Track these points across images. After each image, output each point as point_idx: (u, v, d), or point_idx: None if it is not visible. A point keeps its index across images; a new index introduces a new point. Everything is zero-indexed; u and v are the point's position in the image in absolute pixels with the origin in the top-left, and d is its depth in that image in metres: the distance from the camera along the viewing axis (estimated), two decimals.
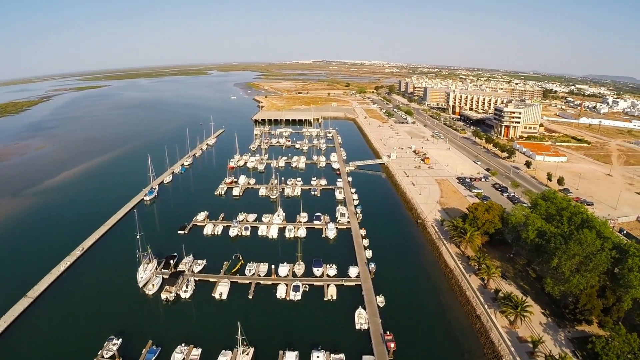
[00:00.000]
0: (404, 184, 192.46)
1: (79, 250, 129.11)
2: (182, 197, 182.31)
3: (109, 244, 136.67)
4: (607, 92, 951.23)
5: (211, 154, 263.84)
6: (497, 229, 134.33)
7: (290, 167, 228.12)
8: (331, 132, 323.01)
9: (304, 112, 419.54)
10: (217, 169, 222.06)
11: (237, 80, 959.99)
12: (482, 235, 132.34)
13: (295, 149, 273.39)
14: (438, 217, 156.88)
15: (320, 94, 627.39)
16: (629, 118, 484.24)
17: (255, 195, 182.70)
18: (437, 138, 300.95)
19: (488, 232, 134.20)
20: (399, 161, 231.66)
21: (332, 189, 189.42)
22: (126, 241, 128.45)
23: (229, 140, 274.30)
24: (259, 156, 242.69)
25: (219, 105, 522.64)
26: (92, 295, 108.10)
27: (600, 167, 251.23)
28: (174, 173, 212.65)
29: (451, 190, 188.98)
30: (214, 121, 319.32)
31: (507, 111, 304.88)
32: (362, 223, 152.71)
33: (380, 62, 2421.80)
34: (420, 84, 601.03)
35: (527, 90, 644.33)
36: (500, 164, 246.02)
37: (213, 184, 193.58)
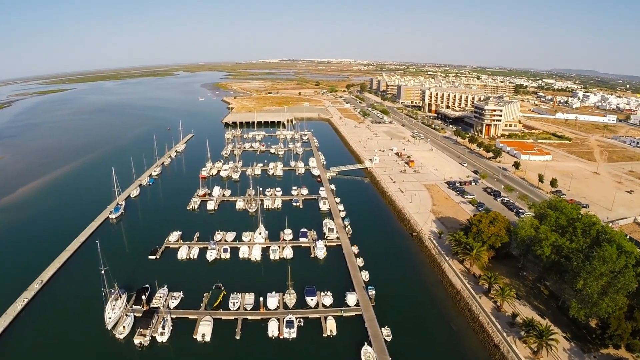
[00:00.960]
0: (392, 191, 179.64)
1: (38, 283, 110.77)
2: (151, 213, 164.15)
3: (71, 274, 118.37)
4: (574, 86, 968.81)
5: (181, 162, 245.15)
6: (503, 242, 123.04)
7: (267, 175, 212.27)
8: (307, 135, 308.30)
9: (277, 113, 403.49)
10: (188, 178, 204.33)
11: (204, 81, 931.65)
12: (487, 249, 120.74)
13: (270, 154, 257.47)
14: (434, 229, 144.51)
15: (291, 94, 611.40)
16: (603, 112, 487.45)
17: (231, 209, 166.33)
18: (418, 138, 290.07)
19: (494, 247, 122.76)
20: (382, 165, 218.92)
21: (315, 198, 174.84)
22: (91, 270, 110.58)
23: (199, 146, 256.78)
24: (233, 163, 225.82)
25: (187, 107, 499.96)
26: (54, 341, 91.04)
27: (586, 165, 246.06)
28: (142, 185, 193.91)
29: (442, 196, 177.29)
30: (182, 125, 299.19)
31: (488, 109, 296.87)
32: (353, 238, 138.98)
33: (347, 60, 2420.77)
34: (393, 82, 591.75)
35: (499, 86, 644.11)
36: (486, 164, 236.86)
37: (185, 196, 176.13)
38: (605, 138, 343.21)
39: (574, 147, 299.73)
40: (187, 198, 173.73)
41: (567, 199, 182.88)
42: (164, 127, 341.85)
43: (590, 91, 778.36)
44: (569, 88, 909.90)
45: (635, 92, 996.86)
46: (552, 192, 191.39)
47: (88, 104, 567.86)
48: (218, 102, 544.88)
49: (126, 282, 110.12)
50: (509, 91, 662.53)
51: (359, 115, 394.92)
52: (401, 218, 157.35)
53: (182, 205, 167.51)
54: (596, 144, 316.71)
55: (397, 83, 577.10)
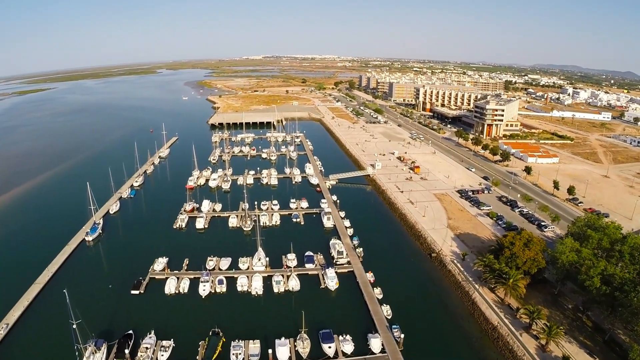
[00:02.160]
0: (401, 203, 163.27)
1: (2, 328, 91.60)
2: (133, 234, 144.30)
3: (41, 315, 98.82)
4: (560, 82, 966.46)
5: (165, 170, 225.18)
6: (539, 268, 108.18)
7: (261, 184, 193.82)
8: (299, 136, 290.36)
9: (265, 113, 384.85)
10: (174, 189, 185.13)
11: (187, 79, 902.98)
12: (522, 276, 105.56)
13: (262, 160, 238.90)
14: (455, 249, 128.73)
15: (277, 92, 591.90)
16: (598, 110, 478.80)
17: (224, 227, 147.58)
18: (418, 140, 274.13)
19: (529, 272, 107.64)
20: (385, 171, 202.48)
21: (318, 213, 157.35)
22: (63, 313, 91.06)
23: (185, 151, 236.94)
24: (222, 171, 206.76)
25: (170, 107, 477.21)
26: None
27: (594, 168, 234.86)
28: (122, 198, 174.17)
29: (456, 208, 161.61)
30: (166, 128, 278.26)
31: (489, 109, 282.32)
32: (366, 262, 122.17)
33: (331, 57, 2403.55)
34: (384, 79, 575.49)
35: (489, 83, 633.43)
36: (494, 169, 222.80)
37: (170, 211, 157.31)
38: (605, 137, 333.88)
39: (577, 147, 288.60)
40: (173, 214, 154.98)
41: (586, 208, 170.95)
42: (146, 129, 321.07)
43: (578, 87, 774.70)
44: (556, 84, 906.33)
45: (620, 87, 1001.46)
46: (569, 199, 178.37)
47: (67, 105, 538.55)
48: (202, 101, 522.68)
49: (105, 327, 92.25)
50: (499, 88, 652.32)
51: (352, 115, 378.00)
52: (415, 235, 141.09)
53: (167, 223, 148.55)
54: (598, 143, 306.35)
55: (388, 80, 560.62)
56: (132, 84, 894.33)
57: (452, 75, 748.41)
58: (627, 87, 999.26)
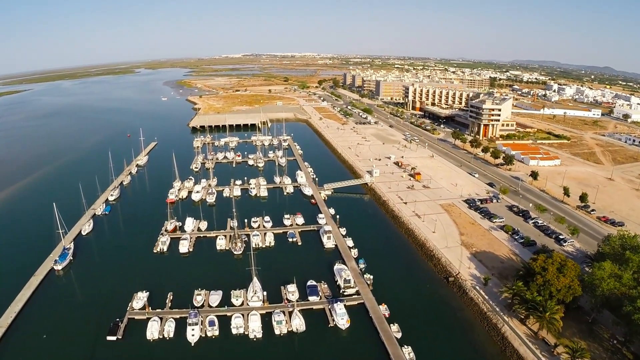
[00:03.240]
0: (406, 216, 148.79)
1: None
2: (108, 259, 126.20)
3: None
4: (541, 77, 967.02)
5: (143, 180, 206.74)
6: (575, 296, 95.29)
7: (249, 196, 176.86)
8: (286, 140, 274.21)
9: (249, 114, 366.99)
10: (153, 203, 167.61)
11: (166, 79, 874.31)
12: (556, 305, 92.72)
13: (248, 167, 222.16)
14: (474, 271, 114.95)
15: (260, 91, 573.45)
16: (587, 107, 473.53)
17: (211, 250, 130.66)
18: (414, 143, 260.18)
19: (564, 301, 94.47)
20: (383, 179, 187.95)
21: (315, 230, 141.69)
22: None
23: (164, 157, 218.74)
24: (205, 181, 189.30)
25: (149, 108, 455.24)
26: None
27: (596, 170, 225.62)
28: (96, 215, 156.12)
29: (467, 221, 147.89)
30: (144, 132, 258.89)
31: (486, 108, 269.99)
32: (377, 291, 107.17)
33: (311, 54, 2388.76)
34: (370, 77, 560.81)
35: (475, 80, 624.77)
36: (496, 173, 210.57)
37: (150, 231, 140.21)
38: (600, 135, 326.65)
39: (575, 147, 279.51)
40: (153, 234, 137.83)
41: (599, 216, 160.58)
42: (123, 133, 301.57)
43: (561, 83, 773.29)
44: (539, 80, 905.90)
45: (601, 82, 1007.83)
46: (580, 207, 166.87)
47: (42, 107, 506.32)
48: (182, 101, 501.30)
49: None
50: (484, 85, 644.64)
51: (340, 116, 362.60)
52: (427, 255, 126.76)
53: (147, 246, 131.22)
54: (594, 142, 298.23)
55: (374, 78, 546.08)
56: (110, 84, 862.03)
57: (438, 73, 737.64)
58: (607, 82, 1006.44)
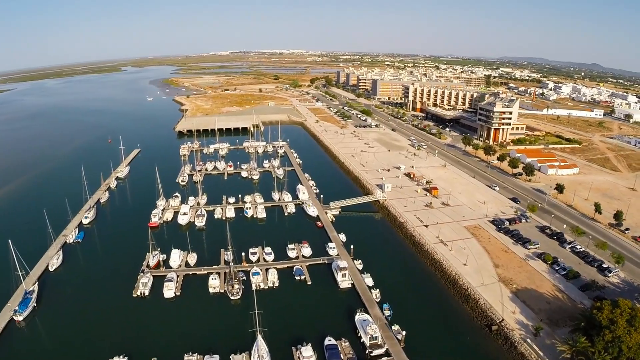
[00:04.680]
0: (430, 244, 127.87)
1: None
2: (79, 307, 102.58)
3: None
4: (534, 75, 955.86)
5: (124, 197, 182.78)
6: None
7: (245, 218, 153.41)
8: (282, 146, 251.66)
9: (239, 116, 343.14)
10: (133, 227, 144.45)
11: (153, 77, 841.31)
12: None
13: (241, 179, 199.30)
14: (521, 317, 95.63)
15: (250, 90, 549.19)
16: (589, 107, 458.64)
17: (202, 293, 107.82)
18: (422, 149, 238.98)
19: None
20: (396, 194, 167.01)
21: (326, 264, 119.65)
22: None
23: (148, 168, 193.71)
24: (194, 199, 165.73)
25: (133, 110, 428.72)
26: None
27: (616, 178, 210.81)
28: (67, 244, 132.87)
29: (499, 248, 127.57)
30: (126, 139, 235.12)
31: (497, 111, 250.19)
32: (410, 350, 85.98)
33: (299, 51, 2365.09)
34: (365, 75, 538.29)
35: (472, 78, 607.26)
36: (515, 184, 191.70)
37: (129, 266, 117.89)
38: (608, 138, 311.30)
39: (587, 152, 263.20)
40: (133, 269, 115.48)
41: (635, 236, 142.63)
42: (103, 138, 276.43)
43: (553, 80, 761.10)
44: (531, 77, 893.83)
45: (592, 79, 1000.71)
46: (612, 225, 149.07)
47: (22, 109, 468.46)
48: (169, 102, 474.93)
49: None
50: (482, 83, 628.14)
51: (337, 118, 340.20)
52: (462, 295, 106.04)
53: (126, 287, 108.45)
54: (604, 146, 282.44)
55: (370, 77, 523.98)
56: (95, 83, 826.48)
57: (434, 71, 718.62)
58: (598, 80, 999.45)
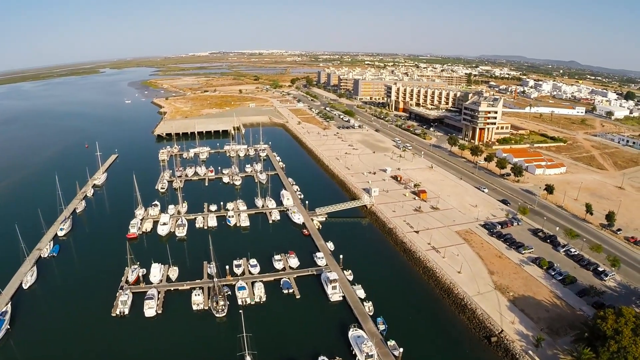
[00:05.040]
0: (422, 251, 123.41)
1: None
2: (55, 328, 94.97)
3: None
4: (513, 73, 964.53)
5: (101, 205, 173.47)
6: None
7: (228, 226, 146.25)
8: (264, 149, 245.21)
9: (220, 119, 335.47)
10: (111, 239, 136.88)
11: (131, 79, 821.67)
12: None
13: (223, 184, 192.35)
14: (520, 327, 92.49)
15: (230, 91, 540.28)
16: (571, 104, 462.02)
17: (185, 310, 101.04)
18: (407, 151, 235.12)
19: None
20: (384, 199, 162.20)
21: (315, 275, 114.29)
22: None
23: (126, 175, 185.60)
24: (174, 207, 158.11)
25: (110, 113, 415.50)
26: None
27: (603, 177, 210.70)
28: (42, 259, 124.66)
29: (492, 253, 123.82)
30: (103, 144, 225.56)
31: (482, 110, 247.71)
32: None
33: (279, 51, 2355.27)
34: (346, 75, 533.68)
35: (453, 77, 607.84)
36: (503, 185, 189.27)
37: (107, 281, 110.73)
38: (592, 136, 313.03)
39: (572, 150, 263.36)
40: (111, 285, 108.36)
41: (628, 237, 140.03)
42: (81, 143, 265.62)
43: (534, 78, 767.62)
44: (511, 75, 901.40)
45: (571, 77, 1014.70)
46: (604, 226, 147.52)
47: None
48: (147, 104, 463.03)
49: None
50: (463, 81, 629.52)
51: (320, 119, 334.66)
52: (457, 305, 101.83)
53: (104, 305, 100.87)
54: (589, 144, 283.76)
55: (351, 77, 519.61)
56: (73, 85, 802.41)
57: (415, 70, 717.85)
58: (577, 77, 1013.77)
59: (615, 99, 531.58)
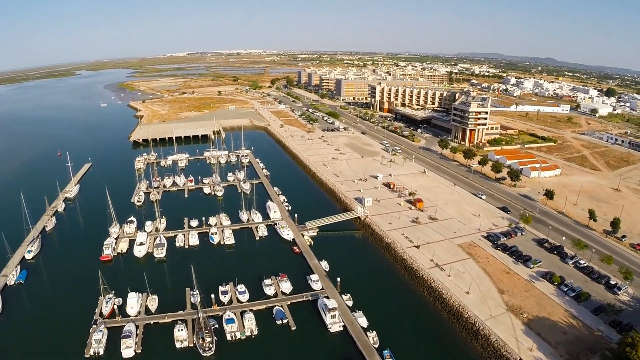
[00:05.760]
0: (425, 269, 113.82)
1: None
2: None
3: None
4: (493, 70, 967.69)
5: (73, 222, 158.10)
6: None
7: (211, 245, 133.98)
8: (246, 155, 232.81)
9: (199, 122, 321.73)
10: (83, 262, 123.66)
11: (108, 81, 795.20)
12: None
13: (204, 195, 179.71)
14: (537, 353, 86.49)
15: (209, 93, 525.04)
16: (555, 102, 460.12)
17: (167, 348, 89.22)
18: (397, 154, 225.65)
19: None
20: (378, 209, 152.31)
21: (310, 301, 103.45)
22: None
23: (100, 186, 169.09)
24: (151, 224, 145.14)
25: (85, 117, 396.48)
26: None
27: (597, 178, 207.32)
28: (8, 286, 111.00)
29: (500, 269, 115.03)
30: (75, 152, 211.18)
31: (472, 111, 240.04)
32: None
33: (257, 51, 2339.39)
34: (328, 75, 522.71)
35: (435, 76, 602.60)
36: (499, 190, 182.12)
37: (79, 315, 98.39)
38: (579, 135, 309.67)
39: (563, 150, 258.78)
40: (84, 319, 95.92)
41: (634, 244, 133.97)
42: (52, 152, 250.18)
43: (514, 76, 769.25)
44: (491, 73, 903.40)
45: (549, 74, 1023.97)
46: (608, 233, 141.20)
47: None
48: (124, 108, 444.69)
49: None
50: (444, 80, 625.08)
51: (303, 121, 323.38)
52: (469, 330, 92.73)
53: (76, 345, 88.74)
54: (578, 143, 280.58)
55: (333, 76, 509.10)
56: (47, 88, 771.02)
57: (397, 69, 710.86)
58: (555, 74, 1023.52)
59: (597, 95, 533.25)
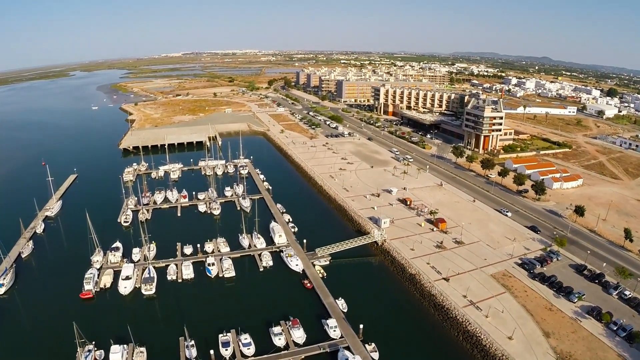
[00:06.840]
0: (458, 307, 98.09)
1: None
2: None
3: None
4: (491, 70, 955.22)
5: (53, 247, 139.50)
6: None
7: (208, 279, 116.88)
8: (245, 165, 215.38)
9: (193, 127, 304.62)
10: (62, 299, 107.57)
11: (101, 82, 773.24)
12: None
13: (199, 214, 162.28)
14: None
15: (204, 95, 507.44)
16: (561, 104, 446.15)
17: None
18: (410, 164, 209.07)
19: None
20: (396, 232, 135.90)
21: (329, 352, 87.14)
22: None
23: (85, 203, 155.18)
24: (139, 251, 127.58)
25: (74, 122, 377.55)
26: None
27: (620, 188, 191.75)
28: None
29: (541, 305, 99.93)
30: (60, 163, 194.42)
31: (486, 116, 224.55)
32: None
33: (252, 51, 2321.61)
34: (329, 76, 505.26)
35: (437, 76, 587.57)
36: (521, 204, 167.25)
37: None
38: (591, 139, 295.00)
39: (580, 157, 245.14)
40: None
41: None
42: (36, 161, 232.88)
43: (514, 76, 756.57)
44: (489, 73, 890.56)
45: (547, 73, 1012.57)
46: None
47: None
48: (115, 111, 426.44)
49: None
50: (445, 81, 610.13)
51: (304, 126, 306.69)
52: None
53: None
54: (593, 149, 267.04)
55: (333, 77, 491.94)
56: (39, 90, 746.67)
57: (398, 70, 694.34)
58: (552, 73, 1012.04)
59: (600, 96, 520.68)
